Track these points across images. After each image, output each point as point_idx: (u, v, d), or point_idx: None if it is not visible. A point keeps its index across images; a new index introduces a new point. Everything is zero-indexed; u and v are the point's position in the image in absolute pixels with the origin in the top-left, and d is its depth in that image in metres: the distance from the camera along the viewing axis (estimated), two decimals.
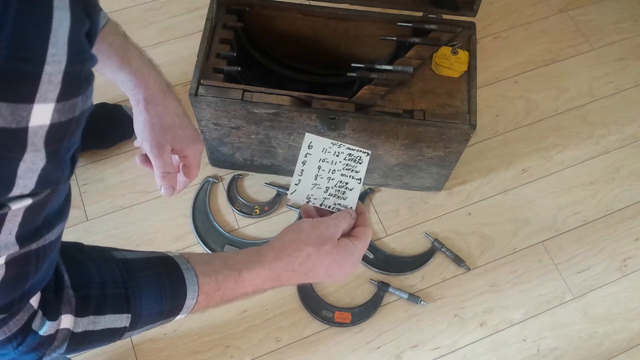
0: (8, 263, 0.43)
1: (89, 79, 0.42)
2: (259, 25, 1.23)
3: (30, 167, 0.38)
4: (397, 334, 1.22)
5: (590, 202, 1.37)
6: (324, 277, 0.66)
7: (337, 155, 0.74)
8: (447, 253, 1.29)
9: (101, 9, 0.73)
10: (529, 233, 1.33)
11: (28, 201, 0.40)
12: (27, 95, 0.36)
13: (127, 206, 1.32)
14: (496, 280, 1.28)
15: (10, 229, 0.41)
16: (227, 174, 1.36)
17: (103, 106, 1.34)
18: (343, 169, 0.74)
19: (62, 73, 0.37)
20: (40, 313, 0.48)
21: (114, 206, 1.32)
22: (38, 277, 0.46)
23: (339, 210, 0.72)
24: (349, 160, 0.74)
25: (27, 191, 0.39)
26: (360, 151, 0.75)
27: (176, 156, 0.82)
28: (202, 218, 1.31)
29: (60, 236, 0.47)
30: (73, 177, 1.33)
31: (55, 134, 0.39)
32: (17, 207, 0.40)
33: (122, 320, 0.53)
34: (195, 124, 0.89)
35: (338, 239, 0.67)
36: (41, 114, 0.37)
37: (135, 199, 1.33)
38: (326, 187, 0.73)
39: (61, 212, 0.46)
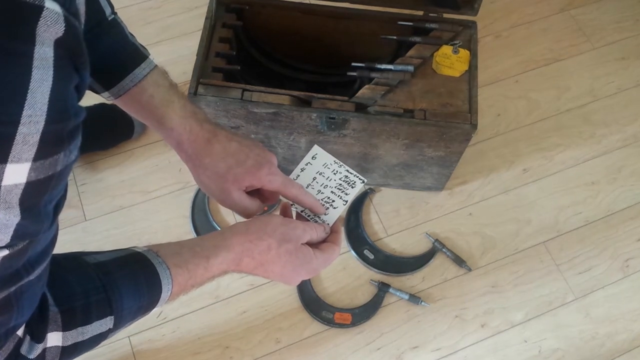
0: None
1: (74, 133, 0.41)
2: (259, 24, 1.22)
3: (4, 223, 0.38)
4: (397, 335, 1.21)
5: (591, 202, 1.37)
6: (278, 275, 0.67)
7: (334, 174, 0.77)
8: (447, 253, 1.28)
9: (147, 56, 0.71)
10: (531, 233, 1.33)
11: (4, 252, 0.39)
12: None
13: (126, 206, 1.32)
14: (497, 281, 1.27)
15: None
16: None
17: (101, 107, 1.32)
18: (335, 187, 0.76)
19: (39, 133, 0.36)
20: (27, 338, 0.48)
21: (112, 206, 1.31)
22: (22, 314, 0.45)
23: (315, 222, 0.74)
24: (343, 181, 0.76)
25: (2, 244, 0.39)
26: (357, 176, 0.77)
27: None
28: (202, 218, 1.30)
29: (44, 272, 0.46)
30: (72, 176, 1.33)
31: (33, 191, 0.38)
32: None
33: (106, 323, 0.53)
34: None
35: (302, 244, 0.67)
36: (15, 174, 0.36)
37: (134, 199, 1.32)
38: None
39: (45, 254, 0.45)
